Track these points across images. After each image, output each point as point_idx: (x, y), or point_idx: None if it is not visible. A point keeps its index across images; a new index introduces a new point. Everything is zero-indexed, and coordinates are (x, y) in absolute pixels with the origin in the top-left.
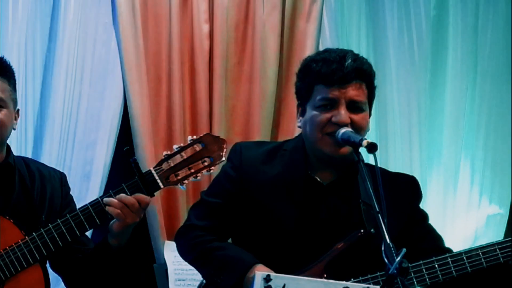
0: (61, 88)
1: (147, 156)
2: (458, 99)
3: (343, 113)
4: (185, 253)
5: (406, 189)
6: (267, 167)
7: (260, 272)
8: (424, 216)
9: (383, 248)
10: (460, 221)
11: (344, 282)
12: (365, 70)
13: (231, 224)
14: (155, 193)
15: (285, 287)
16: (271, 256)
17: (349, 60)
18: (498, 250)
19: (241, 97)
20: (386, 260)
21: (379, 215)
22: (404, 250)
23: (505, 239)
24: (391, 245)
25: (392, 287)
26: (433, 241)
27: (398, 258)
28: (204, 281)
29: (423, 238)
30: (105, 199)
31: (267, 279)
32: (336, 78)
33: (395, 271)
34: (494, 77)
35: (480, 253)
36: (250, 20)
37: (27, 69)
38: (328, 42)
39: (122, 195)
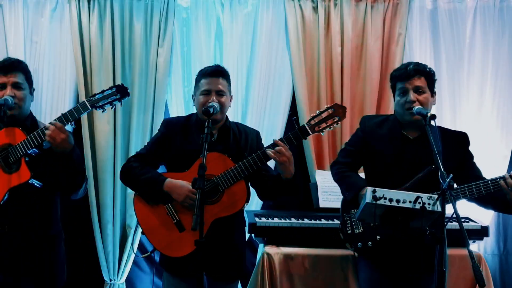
0: (257, 83)
1: (305, 120)
2: (482, 88)
3: (411, 95)
4: (333, 176)
5: (461, 138)
6: (380, 129)
7: (369, 187)
8: (471, 156)
9: (439, 174)
10: (485, 159)
11: (417, 193)
12: (422, 69)
13: (359, 161)
14: (308, 138)
15: (384, 195)
16: (380, 181)
17: (411, 65)
18: (491, 184)
19: (358, 90)
20: (441, 180)
21: (437, 155)
22: (451, 175)
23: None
24: (444, 172)
25: (444, 196)
26: (476, 172)
27: (448, 179)
28: (342, 196)
29: (469, 170)
30: (267, 151)
31: (374, 190)
32: (405, 75)
33: (446, 187)
34: (504, 75)
35: (489, 182)
36: (364, 44)
37: (237, 73)
38: (407, 57)
39: (278, 147)
